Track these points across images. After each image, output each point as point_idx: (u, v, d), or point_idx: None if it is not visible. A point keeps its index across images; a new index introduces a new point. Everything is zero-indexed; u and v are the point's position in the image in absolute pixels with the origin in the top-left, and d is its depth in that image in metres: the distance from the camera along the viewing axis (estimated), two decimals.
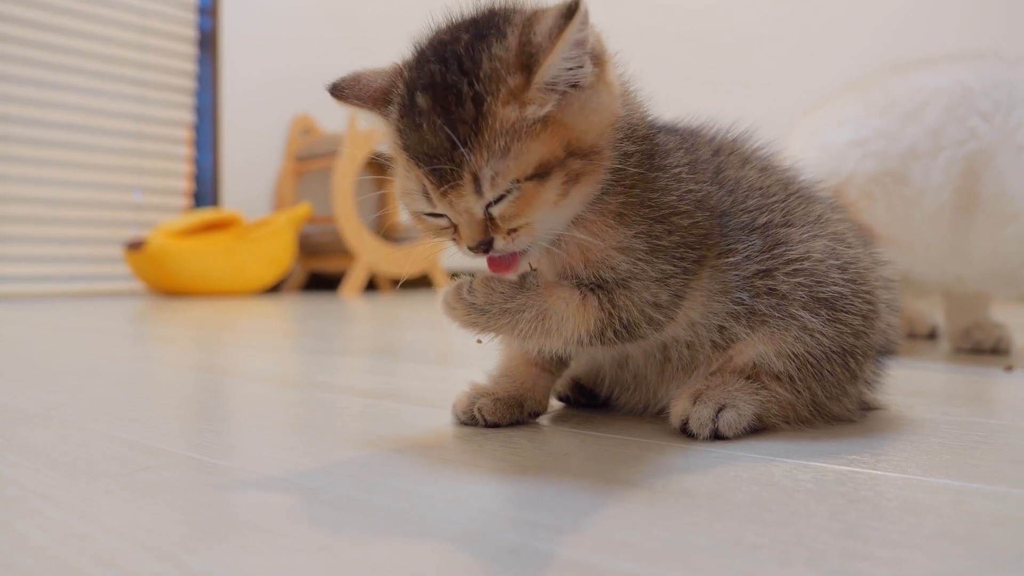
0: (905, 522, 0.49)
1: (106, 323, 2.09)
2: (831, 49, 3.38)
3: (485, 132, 0.61)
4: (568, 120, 0.63)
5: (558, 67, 0.61)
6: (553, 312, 0.68)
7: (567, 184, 0.64)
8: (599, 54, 0.65)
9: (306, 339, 1.75)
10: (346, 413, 0.86)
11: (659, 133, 0.74)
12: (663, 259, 0.69)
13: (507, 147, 0.61)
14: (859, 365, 0.77)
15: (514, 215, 0.63)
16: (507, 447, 0.69)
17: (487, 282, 0.68)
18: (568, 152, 0.63)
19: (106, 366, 1.24)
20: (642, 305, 0.69)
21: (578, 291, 0.69)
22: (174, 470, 0.61)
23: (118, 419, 0.81)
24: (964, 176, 1.25)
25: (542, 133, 0.62)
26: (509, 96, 0.61)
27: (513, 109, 0.61)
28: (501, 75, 0.62)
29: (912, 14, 3.22)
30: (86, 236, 3.53)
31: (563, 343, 0.70)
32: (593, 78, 0.64)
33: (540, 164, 0.62)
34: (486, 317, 0.68)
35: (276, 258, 3.61)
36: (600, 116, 0.65)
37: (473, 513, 0.50)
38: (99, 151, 3.56)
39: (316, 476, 0.59)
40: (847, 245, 0.78)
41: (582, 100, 0.64)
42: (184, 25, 3.82)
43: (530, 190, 0.63)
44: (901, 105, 1.34)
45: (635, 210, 0.69)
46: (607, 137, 0.66)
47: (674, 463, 0.63)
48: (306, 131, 4.15)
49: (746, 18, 3.71)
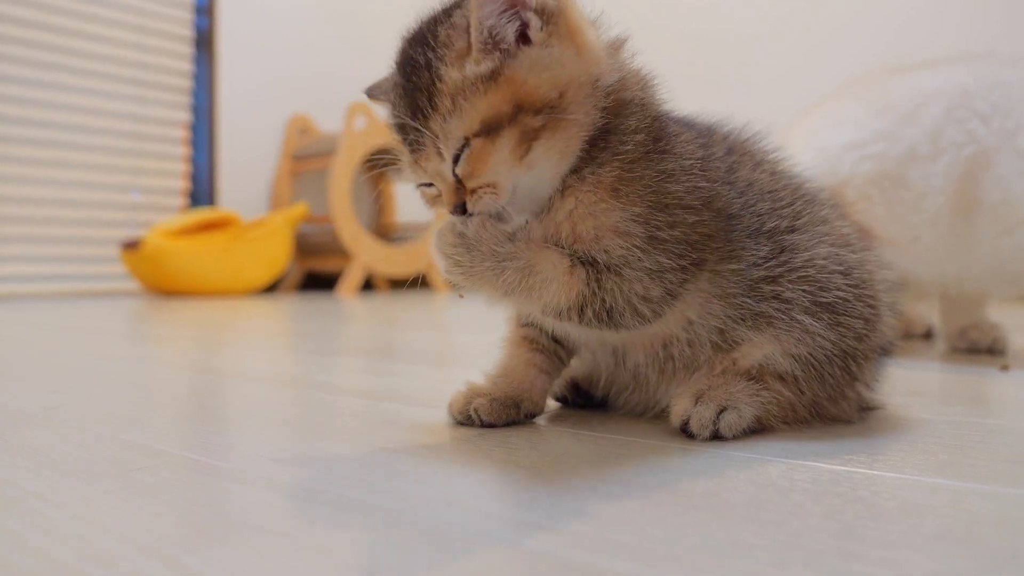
0: (903, 522, 0.49)
1: (104, 323, 2.09)
2: (832, 47, 3.39)
3: (437, 95, 0.65)
4: (517, 75, 0.65)
5: (487, 24, 0.64)
6: (539, 270, 0.68)
7: (525, 141, 0.65)
8: (551, 11, 0.66)
9: (303, 339, 1.75)
10: (344, 413, 0.86)
11: (675, 123, 0.75)
12: (661, 252, 0.68)
13: (455, 106, 0.65)
14: (859, 368, 0.77)
15: (471, 174, 0.66)
16: (503, 447, 0.69)
17: (482, 220, 0.68)
18: (517, 107, 0.65)
19: (104, 366, 1.23)
20: (630, 295, 0.69)
21: (568, 258, 0.69)
22: (172, 470, 0.61)
23: (117, 419, 0.81)
24: (963, 179, 1.25)
25: (489, 90, 0.64)
26: (455, 58, 0.65)
27: (458, 69, 0.65)
28: (451, 40, 0.66)
29: (913, 12, 3.22)
30: (83, 236, 3.52)
31: (542, 307, 0.70)
32: (544, 35, 0.66)
33: (485, 120, 0.65)
34: (471, 256, 0.68)
35: (273, 258, 3.61)
36: (555, 72, 0.66)
37: (469, 514, 0.51)
38: (96, 150, 3.55)
39: (314, 477, 0.59)
40: (851, 249, 0.78)
41: (532, 56, 0.65)
42: (181, 25, 3.82)
43: (480, 146, 0.65)
44: (899, 107, 1.34)
45: (633, 188, 0.68)
46: (572, 94, 0.67)
47: (671, 463, 0.63)
48: (303, 131, 4.15)
49: (747, 17, 3.71)
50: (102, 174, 3.58)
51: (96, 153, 3.55)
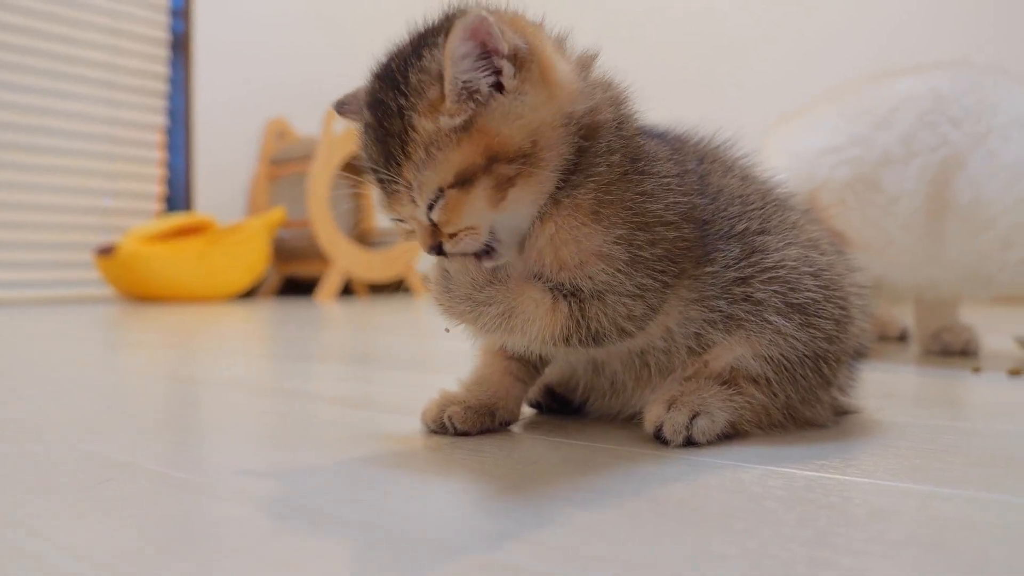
0: (872, 528, 0.49)
1: (76, 330, 2.06)
2: (827, 52, 3.40)
3: (410, 144, 0.64)
4: (490, 127, 0.64)
5: (461, 77, 0.63)
6: (520, 311, 0.68)
7: (501, 189, 0.65)
8: (523, 56, 0.65)
9: (280, 345, 1.74)
10: (318, 422, 0.85)
11: (650, 139, 0.74)
12: (642, 272, 0.68)
13: (428, 157, 0.64)
14: (832, 370, 0.78)
15: (448, 221, 0.66)
16: (476, 456, 0.68)
17: (463, 260, 0.68)
18: (491, 158, 0.64)
19: (72, 374, 1.21)
20: (615, 317, 0.69)
21: (550, 294, 0.69)
22: (136, 483, 0.60)
23: (80, 429, 0.79)
24: (936, 182, 1.27)
25: (462, 142, 0.64)
26: (428, 108, 0.64)
27: (432, 120, 0.64)
28: (424, 88, 0.65)
29: (907, 16, 3.25)
30: (56, 241, 3.47)
31: (526, 343, 0.70)
32: (517, 82, 0.64)
33: (459, 173, 0.64)
34: (448, 296, 0.69)
35: (250, 263, 3.58)
36: (528, 119, 0.65)
37: (440, 525, 0.50)
38: (70, 155, 3.50)
39: (284, 489, 0.58)
40: (821, 252, 0.79)
41: (505, 105, 0.64)
42: (156, 28, 3.78)
43: (455, 197, 0.65)
44: (874, 112, 1.35)
45: (614, 210, 0.68)
46: (546, 139, 0.66)
47: (645, 470, 0.63)
48: (281, 135, 4.12)
49: (741, 21, 3.73)
50: (77, 179, 3.53)
51: (71, 157, 3.51)
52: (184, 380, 1.17)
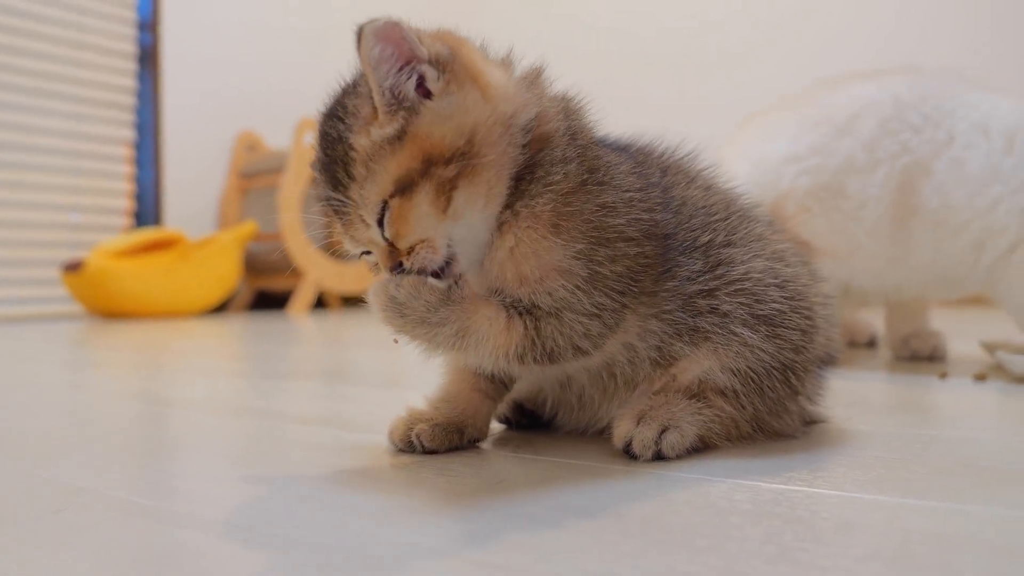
0: (839, 543, 0.49)
1: (40, 348, 2.02)
2: (822, 55, 3.43)
3: (351, 164, 0.65)
4: (421, 130, 0.65)
5: (386, 85, 0.64)
6: (474, 331, 0.68)
7: (443, 192, 0.65)
8: (445, 60, 0.66)
9: (251, 362, 1.71)
10: (286, 442, 0.84)
11: (609, 151, 0.74)
12: (601, 291, 0.68)
13: (368, 172, 0.65)
14: (800, 380, 0.78)
15: (398, 234, 0.66)
16: (443, 475, 0.67)
17: (416, 284, 0.67)
18: (427, 161, 0.64)
19: (34, 395, 1.18)
20: (571, 335, 0.69)
21: (505, 312, 0.68)
22: (94, 511, 0.58)
23: (37, 454, 0.77)
24: (900, 189, 1.28)
25: (396, 151, 0.65)
26: (363, 125, 0.66)
27: (366, 136, 0.65)
28: (358, 109, 0.66)
29: (904, 20, 3.30)
30: (22, 258, 3.41)
31: (480, 361, 0.70)
32: (443, 84, 0.66)
33: (398, 179, 0.65)
34: (402, 320, 0.67)
35: (221, 277, 3.54)
36: (459, 119, 0.65)
37: (402, 550, 0.49)
38: (37, 170, 3.44)
39: (248, 513, 0.57)
40: (785, 264, 0.79)
41: (434, 109, 0.65)
42: (123, 41, 3.73)
43: (398, 206, 0.65)
44: (833, 119, 1.36)
45: (574, 223, 0.67)
46: (482, 137, 0.66)
47: (612, 487, 0.63)
48: (251, 147, 4.08)
49: (738, 34, 3.76)
50: (43, 194, 3.47)
51: (37, 172, 3.44)
52: (150, 400, 1.15)
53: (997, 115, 1.27)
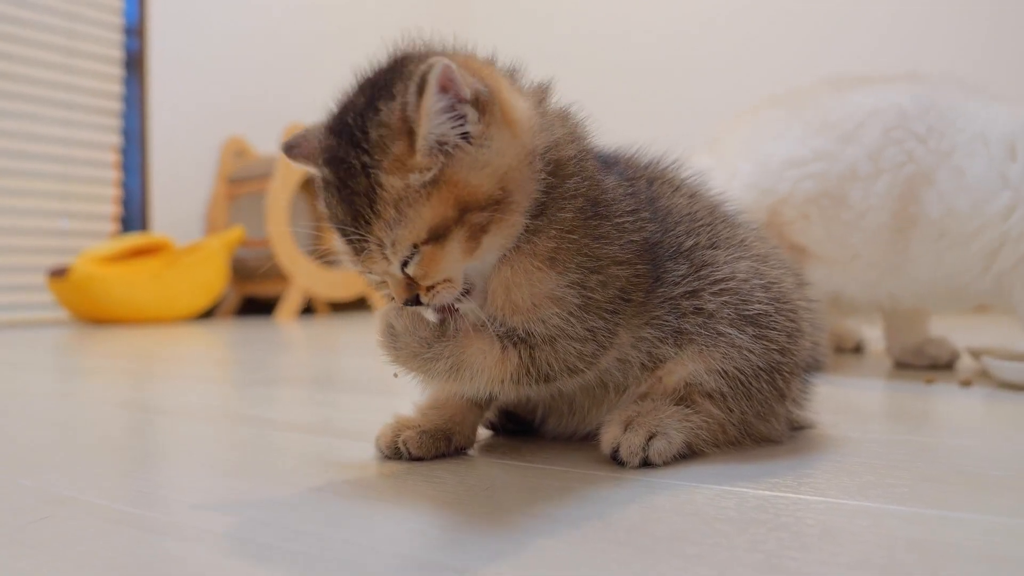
0: (824, 551, 0.49)
1: (25, 355, 2.00)
2: (819, 58, 3.44)
3: (378, 203, 0.62)
4: (458, 176, 0.62)
5: (436, 132, 0.61)
6: (469, 364, 0.68)
7: (473, 237, 0.63)
8: (484, 100, 0.63)
9: (239, 369, 1.70)
10: (273, 450, 0.83)
11: (606, 173, 0.73)
12: (594, 315, 0.68)
13: (399, 215, 0.61)
14: (786, 383, 0.78)
15: (425, 275, 0.64)
16: (430, 482, 0.67)
17: (412, 319, 0.68)
18: (462, 209, 0.62)
19: (18, 402, 1.17)
20: (565, 358, 0.69)
21: (499, 343, 0.68)
22: (79, 520, 0.58)
23: (21, 462, 0.76)
24: (902, 198, 1.28)
25: (432, 196, 0.61)
26: (395, 164, 0.61)
27: (400, 177, 0.61)
28: (386, 144, 0.62)
29: (900, 24, 3.32)
30: (6, 264, 3.38)
31: (476, 391, 0.70)
32: (482, 127, 0.63)
33: (432, 228, 0.62)
34: (396, 352, 0.69)
35: (208, 283, 3.52)
36: (495, 165, 0.63)
37: (388, 559, 0.49)
38: (22, 175, 3.41)
39: (233, 522, 0.57)
40: (770, 266, 0.80)
41: (472, 154, 0.62)
42: (110, 46, 3.71)
43: (431, 252, 0.63)
44: (838, 126, 1.35)
45: (570, 256, 0.67)
46: (515, 182, 0.64)
47: (598, 494, 0.63)
48: (239, 153, 4.07)
49: (735, 38, 3.78)
50: (29, 199, 3.44)
51: (22, 178, 3.42)
52: (137, 407, 1.14)
53: (996, 124, 1.26)
